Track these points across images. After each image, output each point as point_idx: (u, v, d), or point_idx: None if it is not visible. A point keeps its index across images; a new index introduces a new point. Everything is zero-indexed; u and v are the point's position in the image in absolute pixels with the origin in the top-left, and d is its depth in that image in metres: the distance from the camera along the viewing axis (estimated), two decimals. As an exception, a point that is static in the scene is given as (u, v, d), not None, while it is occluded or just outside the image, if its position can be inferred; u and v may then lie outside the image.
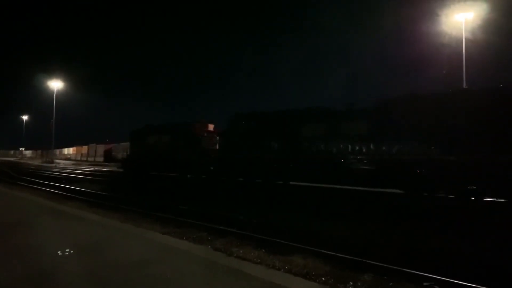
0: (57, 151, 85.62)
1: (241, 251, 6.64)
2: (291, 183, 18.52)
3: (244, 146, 20.24)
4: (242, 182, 20.12)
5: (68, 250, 5.61)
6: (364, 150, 15.53)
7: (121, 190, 17.22)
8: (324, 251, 6.52)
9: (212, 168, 22.52)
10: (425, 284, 5.18)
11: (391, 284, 5.18)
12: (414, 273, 5.44)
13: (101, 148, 66.67)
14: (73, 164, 60.50)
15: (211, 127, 25.78)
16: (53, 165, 55.01)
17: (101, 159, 63.83)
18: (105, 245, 6.06)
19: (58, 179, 24.15)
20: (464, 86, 25.52)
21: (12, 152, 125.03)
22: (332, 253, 6.43)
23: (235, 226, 8.70)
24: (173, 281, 4.37)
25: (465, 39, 27.11)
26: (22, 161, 78.55)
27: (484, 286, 4.93)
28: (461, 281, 5.07)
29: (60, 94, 63.33)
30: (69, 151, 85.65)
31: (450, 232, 8.54)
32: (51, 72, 65.91)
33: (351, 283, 5.18)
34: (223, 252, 6.28)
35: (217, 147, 22.86)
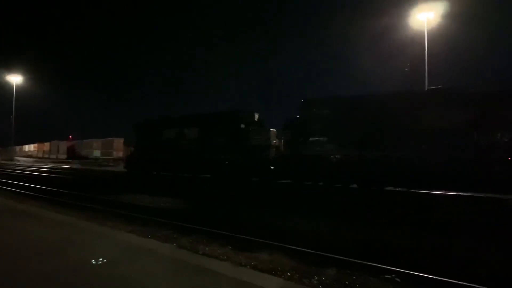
0: (17, 148, 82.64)
1: (207, 249, 6.64)
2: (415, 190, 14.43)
3: (326, 141, 16.18)
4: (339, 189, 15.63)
5: (27, 251, 5.45)
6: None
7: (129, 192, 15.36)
8: (290, 246, 6.61)
9: (272, 168, 18.15)
10: (386, 276, 5.35)
11: (354, 277, 5.31)
12: (376, 266, 5.60)
13: (63, 145, 64.95)
14: (34, 161, 58.59)
15: (256, 118, 21.11)
16: (13, 162, 53.01)
17: (64, 156, 62.10)
18: (67, 246, 5.90)
19: (18, 177, 23.30)
20: (426, 83, 26.42)
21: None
22: (298, 248, 6.53)
23: (201, 223, 8.67)
24: (138, 281, 4.32)
25: (427, 37, 27.99)
26: (-22, 159, 75.28)
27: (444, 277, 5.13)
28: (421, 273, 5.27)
29: (21, 89, 60.94)
30: (30, 148, 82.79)
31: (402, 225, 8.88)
32: (11, 66, 63.31)
33: (316, 277, 5.27)
34: (189, 250, 6.25)
35: (272, 142, 19.12)
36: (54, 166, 41.97)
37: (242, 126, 19.80)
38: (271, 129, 19.73)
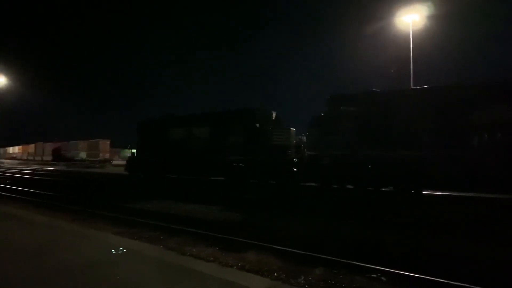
0: (1, 150, 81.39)
1: (194, 250, 6.61)
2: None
3: (359, 140, 14.52)
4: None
5: (11, 254, 5.36)
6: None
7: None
8: (277, 246, 6.62)
9: (295, 170, 16.62)
10: (372, 275, 5.38)
11: (340, 277, 5.34)
12: (362, 265, 5.64)
13: (49, 147, 64.07)
14: (19, 163, 57.73)
15: (274, 116, 19.64)
16: (-3, 165, 52.18)
17: (49, 158, 61.31)
18: (53, 248, 5.83)
19: (2, 179, 22.94)
20: (411, 83, 26.69)
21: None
22: (285, 248, 6.54)
23: (190, 225, 8.63)
24: (124, 283, 4.29)
25: (412, 39, 28.32)
26: (-39, 161, 73.87)
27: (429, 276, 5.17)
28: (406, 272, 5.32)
29: (5, 91, 59.89)
30: (14, 150, 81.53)
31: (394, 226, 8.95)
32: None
33: (302, 277, 5.28)
34: (176, 251, 6.22)
35: (293, 142, 17.80)
36: (39, 168, 41.40)
37: (260, 124, 18.43)
38: (291, 128, 18.42)
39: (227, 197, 14.54)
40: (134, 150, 26.70)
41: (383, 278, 5.29)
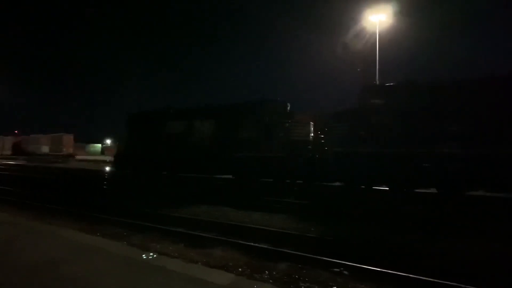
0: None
1: (158, 246, 6.55)
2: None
3: (397, 136, 13.05)
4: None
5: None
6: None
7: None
8: (242, 242, 6.65)
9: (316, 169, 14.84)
10: (335, 270, 5.50)
11: (304, 271, 5.42)
12: (326, 260, 5.76)
13: (9, 141, 61.69)
14: (-24, 158, 55.28)
15: (288, 108, 17.77)
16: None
17: (9, 152, 59.08)
18: (12, 246, 5.63)
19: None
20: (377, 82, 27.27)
21: None
22: (251, 244, 6.58)
23: (154, 221, 8.53)
24: (86, 281, 4.19)
25: (379, 38, 28.95)
26: None
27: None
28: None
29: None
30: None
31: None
32: None
33: (267, 272, 5.34)
34: (140, 248, 6.14)
35: (311, 137, 16.01)
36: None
37: (277, 118, 16.71)
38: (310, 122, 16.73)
39: (262, 200, 12.82)
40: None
41: (345, 272, 5.42)
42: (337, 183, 14.76)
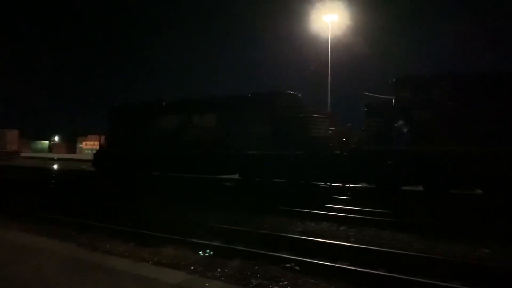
0: None
1: (107, 246, 6.38)
2: None
3: (435, 134, 11.83)
4: None
5: None
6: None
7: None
8: (194, 240, 6.63)
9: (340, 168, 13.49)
10: (286, 265, 5.59)
11: (256, 267, 5.47)
12: (277, 255, 5.85)
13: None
14: None
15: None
16: None
17: None
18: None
19: None
20: (329, 82, 27.97)
21: None
22: (203, 242, 6.57)
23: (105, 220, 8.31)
24: (30, 283, 4.04)
25: (331, 38, 29.70)
26: None
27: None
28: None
29: None
30: None
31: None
32: None
33: (219, 269, 5.34)
34: (88, 248, 5.96)
35: (329, 136, 14.91)
36: None
37: (292, 112, 15.13)
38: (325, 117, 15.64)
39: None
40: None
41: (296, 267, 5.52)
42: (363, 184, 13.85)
